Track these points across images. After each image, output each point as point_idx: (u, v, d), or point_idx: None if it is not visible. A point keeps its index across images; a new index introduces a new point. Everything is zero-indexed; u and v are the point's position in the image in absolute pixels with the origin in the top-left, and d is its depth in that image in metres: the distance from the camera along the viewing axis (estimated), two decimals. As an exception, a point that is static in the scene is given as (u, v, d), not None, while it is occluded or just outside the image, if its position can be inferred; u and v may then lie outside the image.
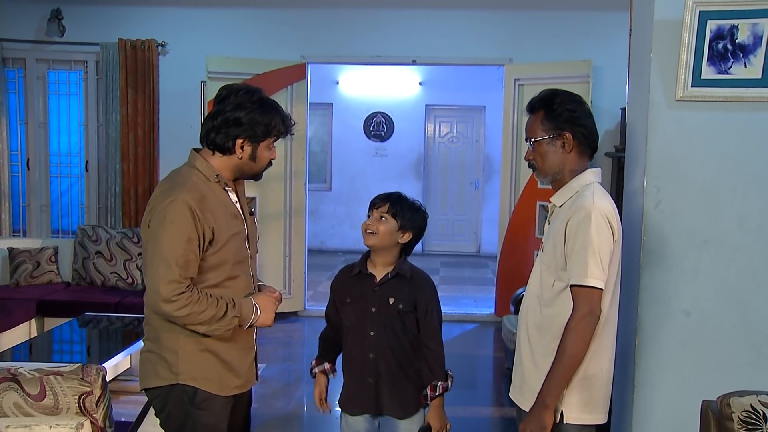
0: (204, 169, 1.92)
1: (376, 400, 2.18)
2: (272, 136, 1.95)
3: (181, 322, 1.85)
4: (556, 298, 1.86)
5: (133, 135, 5.54)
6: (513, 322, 4.14)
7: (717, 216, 2.26)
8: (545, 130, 1.90)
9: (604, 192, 1.88)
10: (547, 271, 1.90)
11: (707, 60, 2.17)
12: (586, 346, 1.78)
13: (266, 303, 2.00)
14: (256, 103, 1.92)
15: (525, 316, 1.98)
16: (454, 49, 5.65)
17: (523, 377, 1.96)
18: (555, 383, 1.79)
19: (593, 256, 1.77)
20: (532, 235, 5.40)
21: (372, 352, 2.16)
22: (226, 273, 1.93)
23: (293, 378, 4.39)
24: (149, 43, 5.50)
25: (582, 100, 1.93)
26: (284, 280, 5.75)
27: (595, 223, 1.78)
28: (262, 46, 5.61)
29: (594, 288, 1.77)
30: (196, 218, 1.82)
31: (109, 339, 3.93)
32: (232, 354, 1.98)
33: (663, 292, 2.29)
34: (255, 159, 1.95)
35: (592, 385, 1.86)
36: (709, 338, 2.29)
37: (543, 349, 1.89)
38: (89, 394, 1.86)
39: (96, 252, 4.93)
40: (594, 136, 1.92)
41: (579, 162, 1.92)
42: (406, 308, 2.15)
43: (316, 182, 8.73)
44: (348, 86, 8.84)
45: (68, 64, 5.76)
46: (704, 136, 2.25)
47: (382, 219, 2.14)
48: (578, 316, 1.77)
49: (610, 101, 5.20)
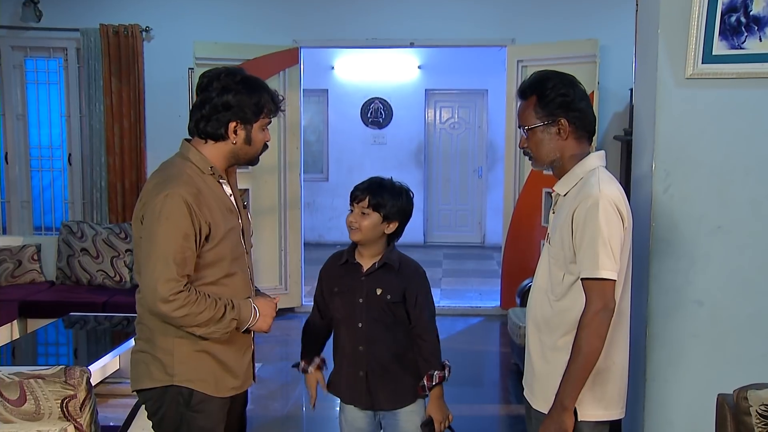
0: (198, 161, 1.92)
1: (367, 394, 2.20)
2: (264, 115, 1.96)
3: (178, 323, 1.84)
4: (567, 292, 1.84)
5: (119, 126, 5.52)
6: (519, 315, 4.13)
7: (729, 200, 2.25)
8: (539, 116, 1.87)
9: (610, 177, 1.86)
10: (555, 264, 1.88)
11: (719, 34, 2.15)
12: (603, 342, 1.76)
13: (265, 307, 2.00)
14: (241, 84, 1.91)
15: (533, 310, 1.97)
16: (454, 30, 5.62)
17: (534, 374, 1.95)
18: (572, 383, 1.76)
19: (603, 246, 1.74)
20: (538, 224, 5.39)
21: (361, 344, 2.18)
22: (224, 270, 1.92)
23: (290, 378, 4.40)
24: (132, 28, 5.47)
25: (575, 82, 1.90)
26: (280, 276, 5.75)
27: (603, 211, 1.76)
28: (252, 31, 5.57)
29: (606, 280, 1.75)
30: (193, 213, 1.82)
31: (96, 340, 3.93)
32: (228, 354, 1.97)
33: (673, 282, 2.28)
34: (250, 142, 1.95)
35: (606, 379, 1.85)
36: (722, 329, 2.28)
37: (553, 344, 1.88)
38: (73, 397, 1.86)
39: (81, 249, 4.92)
40: (590, 119, 1.89)
41: (578, 147, 1.89)
42: (394, 299, 2.16)
43: (311, 173, 8.72)
44: (343, 71, 8.80)
45: (47, 51, 5.73)
46: (716, 115, 2.24)
47: (364, 214, 2.15)
48: (592, 311, 1.75)
49: (619, 82, 5.18)
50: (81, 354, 3.71)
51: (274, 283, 5.62)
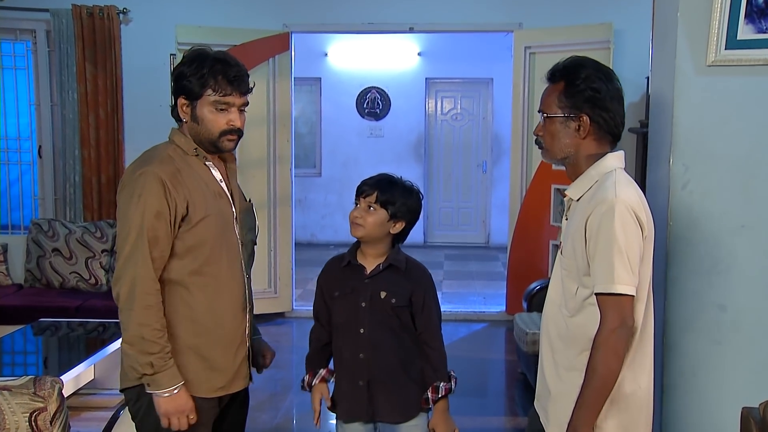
0: (182, 143, 1.98)
1: (369, 405, 2.18)
2: (209, 89, 1.92)
3: (124, 316, 1.86)
4: (581, 308, 1.81)
5: (94, 116, 5.49)
6: (526, 321, 4.13)
7: (754, 197, 2.24)
8: (561, 107, 1.83)
9: (628, 179, 1.82)
10: (568, 276, 1.84)
11: (745, 17, 2.14)
12: (620, 362, 1.72)
13: (176, 406, 1.91)
14: (189, 57, 1.96)
15: (546, 326, 1.94)
16: (457, 13, 5.60)
17: (549, 395, 1.91)
18: (587, 409, 1.72)
19: (620, 257, 1.69)
20: (547, 223, 5.38)
21: (363, 351, 2.17)
22: (205, 255, 1.94)
23: (280, 387, 4.39)
24: (109, 10, 5.44)
25: (612, 77, 1.84)
26: (269, 278, 5.74)
27: (620, 218, 1.71)
28: (239, 14, 5.55)
29: (623, 295, 1.71)
30: (167, 191, 1.87)
31: (69, 348, 3.91)
32: (217, 351, 2.00)
33: (693, 285, 2.28)
34: (198, 120, 1.96)
35: (630, 405, 1.80)
36: (747, 336, 2.28)
37: (568, 363, 1.85)
38: (43, 410, 1.85)
39: (53, 249, 4.90)
40: (616, 122, 1.83)
41: (597, 148, 1.84)
42: (399, 303, 2.15)
43: (303, 167, 8.71)
44: (338, 58, 8.78)
45: (12, 33, 5.68)
46: (739, 105, 2.23)
47: (371, 209, 2.14)
48: (607, 329, 1.70)
49: (634, 70, 5.15)
50: (52, 363, 3.69)
51: (262, 285, 5.61)
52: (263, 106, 5.51)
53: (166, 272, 1.92)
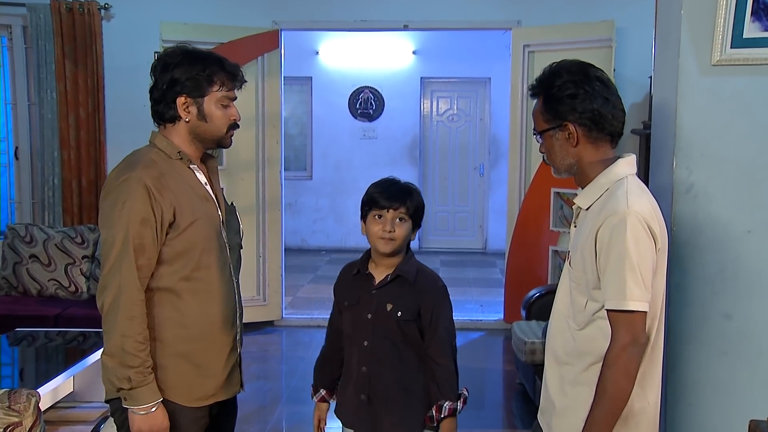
0: (165, 147, 2.00)
1: (370, 421, 2.18)
2: (216, 85, 1.98)
3: (107, 326, 1.86)
4: (590, 321, 1.80)
5: (74, 116, 5.47)
6: (525, 330, 4.13)
7: (760, 201, 2.25)
8: (546, 120, 1.84)
9: (641, 188, 1.80)
10: (576, 289, 1.83)
11: (751, 14, 2.14)
12: (632, 382, 1.69)
13: (151, 426, 1.91)
14: (183, 56, 1.98)
15: (552, 340, 1.93)
16: (453, 10, 5.61)
17: (554, 410, 1.90)
18: (598, 429, 1.70)
19: (632, 272, 1.67)
20: (547, 229, 5.39)
21: (365, 364, 2.17)
22: (195, 260, 1.96)
23: (269, 399, 4.37)
24: (89, 5, 5.42)
25: (590, 76, 1.81)
26: (258, 285, 5.72)
27: (632, 230, 1.68)
28: (226, 10, 5.55)
29: (635, 312, 1.69)
30: (152, 197, 1.88)
31: (47, 359, 3.88)
32: (209, 356, 2.01)
33: (698, 292, 2.28)
34: (205, 118, 1.99)
35: (640, 423, 1.79)
36: (754, 345, 2.28)
37: (574, 377, 1.84)
38: (18, 425, 1.83)
39: (30, 256, 4.87)
40: (607, 120, 1.80)
41: (597, 152, 1.83)
42: (406, 317, 2.14)
43: (294, 170, 8.71)
44: (329, 57, 8.79)
45: (-13, 29, 5.67)
46: (745, 106, 2.24)
47: (402, 221, 2.15)
48: (618, 346, 1.68)
49: (637, 69, 5.18)
50: (28, 375, 3.66)
51: (251, 293, 5.59)
52: (252, 107, 5.50)
53: (155, 280, 1.93)
